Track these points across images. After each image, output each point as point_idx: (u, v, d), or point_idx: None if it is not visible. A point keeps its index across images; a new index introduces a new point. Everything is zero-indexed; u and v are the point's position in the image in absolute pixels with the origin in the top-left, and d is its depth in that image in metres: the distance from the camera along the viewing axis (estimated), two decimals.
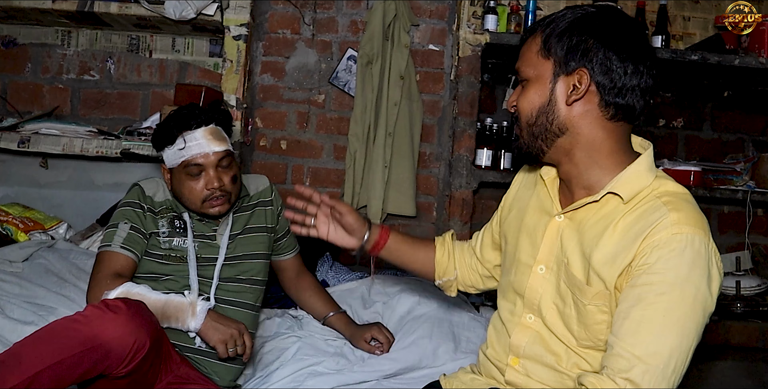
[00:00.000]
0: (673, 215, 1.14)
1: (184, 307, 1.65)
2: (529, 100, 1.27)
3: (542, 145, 1.27)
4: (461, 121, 2.53)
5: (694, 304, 1.11)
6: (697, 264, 1.11)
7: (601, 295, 1.19)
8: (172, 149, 1.79)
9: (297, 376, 1.80)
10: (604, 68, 1.20)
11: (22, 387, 1.29)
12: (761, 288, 2.67)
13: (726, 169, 2.72)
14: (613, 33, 1.22)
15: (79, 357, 1.34)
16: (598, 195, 1.23)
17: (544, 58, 1.25)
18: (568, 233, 1.28)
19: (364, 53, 2.66)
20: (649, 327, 1.10)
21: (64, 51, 2.75)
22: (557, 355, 1.28)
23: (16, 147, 2.35)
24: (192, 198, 1.79)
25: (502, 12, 2.56)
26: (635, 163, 1.24)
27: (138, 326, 1.41)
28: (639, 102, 1.23)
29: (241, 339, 1.64)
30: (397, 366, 1.85)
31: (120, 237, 1.76)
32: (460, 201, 2.50)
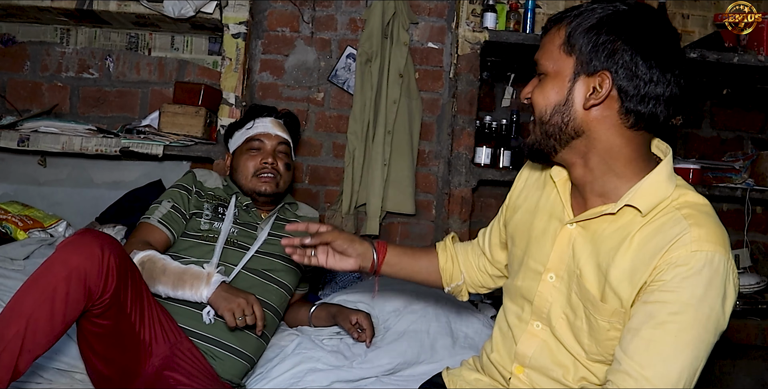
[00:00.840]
0: (695, 231, 1.08)
1: (200, 275, 1.70)
2: (545, 96, 1.19)
3: (555, 145, 1.20)
4: (460, 119, 2.53)
5: (707, 325, 1.06)
6: (714, 283, 1.06)
7: (617, 313, 1.14)
8: (241, 131, 2.06)
9: (296, 373, 1.81)
10: (629, 73, 1.12)
11: (23, 328, 1.34)
12: (760, 286, 2.67)
13: (725, 167, 2.73)
14: (643, 35, 1.13)
15: (63, 288, 1.38)
16: (615, 207, 1.16)
17: (567, 54, 1.16)
18: (581, 243, 1.22)
19: (363, 51, 2.66)
20: (659, 348, 1.06)
21: (63, 49, 2.75)
22: (564, 367, 1.24)
23: (16, 145, 2.36)
24: (245, 172, 1.99)
25: (501, 10, 2.56)
26: (654, 172, 1.16)
27: (101, 245, 1.44)
28: (663, 112, 1.15)
29: (250, 308, 1.66)
30: (396, 361, 1.85)
31: (160, 212, 1.90)
32: (460, 199, 2.50)
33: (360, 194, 2.69)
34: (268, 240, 1.94)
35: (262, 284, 1.87)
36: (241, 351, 1.76)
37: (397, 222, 2.79)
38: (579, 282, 1.20)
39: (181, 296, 1.70)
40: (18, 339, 1.34)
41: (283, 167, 2.02)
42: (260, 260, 1.90)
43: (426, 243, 2.77)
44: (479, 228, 2.55)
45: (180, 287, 1.69)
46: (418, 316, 1.98)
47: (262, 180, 1.97)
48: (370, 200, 2.65)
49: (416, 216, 2.78)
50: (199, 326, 1.72)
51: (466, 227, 2.50)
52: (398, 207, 2.71)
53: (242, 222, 1.96)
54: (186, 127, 2.39)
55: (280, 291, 1.91)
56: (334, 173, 2.79)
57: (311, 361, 1.83)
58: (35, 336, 1.36)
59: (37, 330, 1.36)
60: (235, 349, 1.74)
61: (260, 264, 1.89)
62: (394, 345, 1.89)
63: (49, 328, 1.38)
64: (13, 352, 1.34)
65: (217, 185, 2.04)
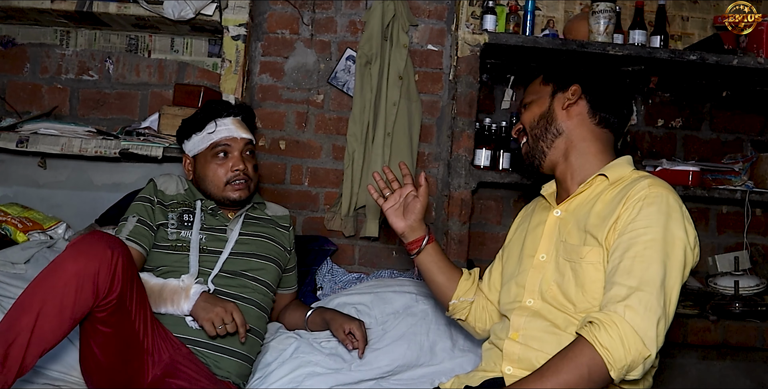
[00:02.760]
0: (649, 180, 1.38)
1: (178, 290, 1.70)
2: (531, 113, 1.58)
3: (543, 146, 1.54)
4: (460, 121, 2.53)
5: (675, 242, 1.29)
6: (673, 216, 1.32)
7: (595, 252, 1.36)
8: (200, 135, 1.95)
9: (295, 377, 1.81)
10: (593, 86, 1.54)
11: (32, 322, 1.37)
12: (760, 288, 2.67)
13: (724, 169, 2.73)
14: (597, 76, 1.58)
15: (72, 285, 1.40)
16: (589, 179, 1.47)
17: (545, 85, 1.59)
18: (564, 222, 1.49)
19: (363, 53, 2.66)
20: (639, 262, 1.27)
21: (62, 51, 2.75)
22: (556, 324, 1.39)
23: (15, 146, 2.35)
24: (216, 181, 1.92)
25: (500, 12, 2.57)
26: (619, 158, 1.51)
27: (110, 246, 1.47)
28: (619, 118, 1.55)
29: (229, 316, 1.66)
30: (395, 363, 1.85)
31: (127, 229, 1.86)
32: (459, 202, 2.50)
33: (359, 196, 2.69)
34: (240, 240, 1.93)
35: (242, 285, 1.86)
36: (236, 351, 1.75)
37: None
38: (565, 247, 1.44)
39: (164, 312, 1.71)
40: (27, 333, 1.37)
41: (252, 170, 1.97)
42: (236, 261, 1.88)
43: None
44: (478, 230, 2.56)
45: (162, 304, 1.70)
46: (417, 319, 1.98)
47: (235, 187, 1.92)
48: (370, 202, 2.65)
49: None
50: (187, 331, 1.72)
51: (466, 229, 2.50)
52: None
53: (209, 227, 1.92)
54: None
55: (261, 288, 1.90)
56: (333, 175, 2.79)
57: (310, 365, 1.83)
58: (43, 330, 1.38)
59: (45, 325, 1.38)
60: (228, 349, 1.74)
61: (236, 265, 1.88)
62: (393, 347, 1.89)
63: (58, 324, 1.40)
64: (21, 345, 1.36)
65: (178, 191, 1.97)
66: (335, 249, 2.67)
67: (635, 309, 1.20)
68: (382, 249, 2.77)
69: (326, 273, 2.53)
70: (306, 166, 2.80)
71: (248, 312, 1.81)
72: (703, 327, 2.59)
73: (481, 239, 2.79)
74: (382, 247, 2.77)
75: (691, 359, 2.63)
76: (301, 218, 2.77)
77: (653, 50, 2.49)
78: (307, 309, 2.05)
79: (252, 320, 1.81)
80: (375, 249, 2.77)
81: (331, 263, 2.60)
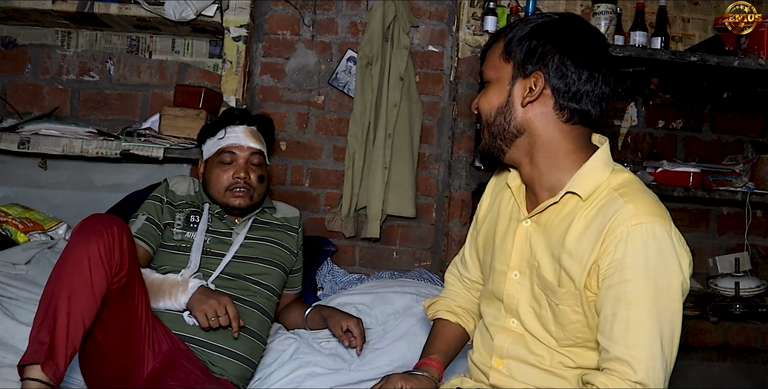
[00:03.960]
0: (630, 206, 1.17)
1: (177, 284, 1.72)
2: (488, 100, 1.32)
3: (502, 145, 1.32)
4: (461, 122, 2.53)
5: (670, 290, 1.15)
6: (664, 251, 1.15)
7: (571, 295, 1.22)
8: (213, 140, 2.00)
9: (295, 377, 1.81)
10: (560, 73, 1.24)
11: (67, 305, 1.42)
12: (760, 290, 2.67)
13: (725, 171, 2.73)
14: (571, 40, 1.26)
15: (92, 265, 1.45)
16: (557, 196, 1.26)
17: (505, 62, 1.30)
18: (536, 237, 1.31)
19: (364, 54, 2.67)
20: (638, 327, 1.13)
21: (63, 52, 2.75)
22: (540, 356, 1.30)
23: (17, 148, 2.36)
24: (217, 186, 1.94)
25: (501, 13, 2.57)
26: (590, 159, 1.26)
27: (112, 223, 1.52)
28: (594, 108, 1.26)
29: (223, 309, 1.66)
30: (395, 363, 1.85)
31: (136, 226, 1.88)
32: (460, 203, 2.50)
33: (360, 197, 2.69)
34: (245, 243, 1.94)
35: (244, 288, 1.86)
36: (235, 353, 1.75)
37: (398, 226, 2.79)
38: (538, 274, 1.29)
39: (162, 306, 1.72)
40: (65, 316, 1.41)
41: (256, 180, 1.97)
42: (239, 265, 1.89)
43: (425, 246, 2.77)
44: None
45: (161, 298, 1.72)
46: (418, 319, 1.98)
47: (235, 194, 1.93)
48: (371, 203, 2.65)
49: (416, 220, 2.78)
50: (184, 328, 1.73)
51: (466, 230, 2.49)
52: (398, 211, 2.71)
53: (215, 230, 1.94)
54: (186, 130, 2.39)
55: (265, 292, 1.91)
56: (334, 176, 2.79)
57: (310, 365, 1.83)
58: (80, 311, 1.43)
59: (80, 306, 1.43)
60: (225, 349, 1.74)
61: (239, 268, 1.89)
62: (393, 347, 1.89)
63: (91, 303, 1.45)
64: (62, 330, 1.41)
65: (188, 192, 2.01)
66: (335, 250, 2.68)
67: (647, 383, 1.12)
68: (383, 250, 2.77)
69: (326, 273, 2.53)
70: (307, 167, 2.80)
71: (250, 315, 1.81)
72: (703, 329, 2.59)
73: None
74: (382, 248, 2.77)
75: (691, 360, 2.63)
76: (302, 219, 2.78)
77: (654, 51, 2.49)
78: (306, 308, 2.05)
79: (253, 323, 1.81)
80: (375, 250, 2.77)
81: (331, 264, 2.60)
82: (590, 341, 1.25)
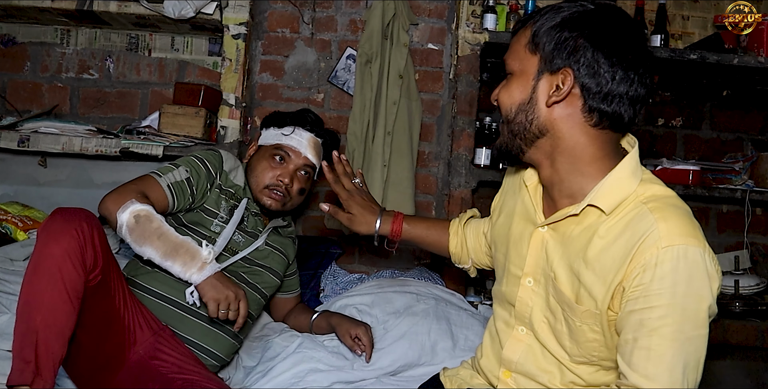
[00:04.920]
0: (662, 226, 1.06)
1: (197, 256, 1.60)
2: (509, 95, 1.20)
3: (521, 145, 1.21)
4: (460, 120, 2.53)
5: (697, 317, 1.06)
6: (695, 276, 1.05)
7: (591, 314, 1.14)
8: (277, 131, 1.95)
9: (297, 372, 1.81)
10: (591, 71, 1.11)
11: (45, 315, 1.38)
12: (760, 288, 2.67)
13: (725, 169, 2.73)
14: (606, 33, 1.12)
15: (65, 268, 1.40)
16: (578, 208, 1.16)
17: (531, 53, 1.17)
18: (552, 245, 1.21)
19: (363, 52, 2.66)
20: (659, 356, 1.05)
21: (63, 50, 2.75)
22: (550, 373, 1.24)
23: (16, 146, 2.36)
24: (259, 179, 1.89)
25: (501, 11, 2.56)
26: (617, 169, 1.15)
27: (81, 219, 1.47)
28: (627, 111, 1.15)
29: (236, 304, 1.61)
30: (397, 362, 1.86)
31: (174, 177, 1.76)
32: (459, 201, 2.50)
33: None
34: (261, 248, 1.92)
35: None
36: (208, 349, 1.75)
37: None
38: (554, 286, 1.20)
39: (167, 266, 1.60)
40: (45, 328, 1.37)
41: (296, 191, 1.93)
42: (242, 264, 1.87)
43: None
44: None
45: (171, 258, 1.59)
46: (419, 318, 1.98)
47: (271, 194, 1.89)
48: None
49: None
50: (169, 321, 1.70)
51: None
52: (398, 209, 2.68)
53: (244, 228, 1.90)
54: (186, 128, 2.39)
55: (258, 297, 1.91)
56: None
57: (312, 361, 1.83)
58: (59, 320, 1.39)
59: (59, 315, 1.39)
60: (202, 347, 1.73)
61: (239, 267, 1.87)
62: (394, 346, 1.90)
63: (69, 308, 1.40)
64: (45, 342, 1.36)
65: (240, 183, 1.92)
66: (341, 252, 2.66)
67: None
68: (382, 249, 2.77)
69: (329, 275, 2.53)
70: None
71: None
72: None
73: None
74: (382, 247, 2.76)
75: None
76: (301, 217, 2.77)
77: (654, 49, 2.49)
78: (311, 313, 2.04)
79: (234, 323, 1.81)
80: (375, 249, 2.77)
81: (335, 265, 2.60)
82: (606, 360, 1.18)
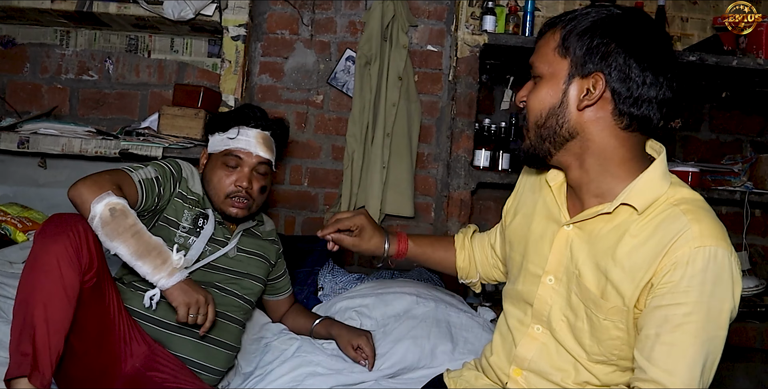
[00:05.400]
0: (695, 227, 1.09)
1: (168, 261, 1.58)
2: (540, 99, 1.21)
3: (550, 148, 1.22)
4: (459, 122, 2.53)
5: (720, 320, 1.08)
6: (722, 278, 1.07)
7: (617, 311, 1.15)
8: (222, 136, 1.86)
9: (296, 376, 1.81)
10: (622, 75, 1.14)
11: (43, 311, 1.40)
12: (759, 289, 2.67)
13: (724, 170, 2.73)
14: (637, 39, 1.15)
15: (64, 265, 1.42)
16: (611, 207, 1.17)
17: (561, 57, 1.18)
18: (578, 243, 1.23)
19: (363, 54, 2.67)
20: (681, 352, 1.07)
21: (62, 51, 2.76)
22: (564, 371, 1.24)
23: (16, 148, 2.36)
24: (218, 190, 1.81)
25: (500, 13, 2.57)
26: (649, 170, 1.17)
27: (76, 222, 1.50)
28: (655, 114, 1.18)
29: (205, 308, 1.60)
30: (397, 366, 1.85)
31: (144, 175, 1.72)
32: (458, 202, 2.50)
33: (359, 196, 2.69)
34: (231, 254, 1.86)
35: (226, 302, 1.80)
36: (202, 364, 1.72)
37: (396, 225, 2.79)
38: (579, 282, 1.21)
39: (135, 266, 1.57)
40: (43, 324, 1.39)
41: (257, 191, 1.85)
42: (208, 274, 1.80)
43: None
44: None
45: (141, 258, 1.56)
46: (418, 321, 1.98)
47: (234, 203, 1.81)
48: (369, 202, 2.65)
49: (415, 219, 2.78)
50: (162, 342, 1.68)
51: None
52: (397, 210, 2.71)
53: (214, 238, 1.84)
54: (185, 129, 2.39)
55: (243, 305, 1.85)
56: (333, 175, 2.80)
57: (311, 365, 1.83)
58: (57, 316, 1.41)
59: (57, 312, 1.41)
60: (195, 362, 1.71)
61: (209, 277, 1.80)
62: (394, 349, 1.90)
63: (66, 305, 1.42)
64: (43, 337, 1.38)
65: (199, 191, 1.85)
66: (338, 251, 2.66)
67: None
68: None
69: (327, 273, 2.53)
70: (305, 167, 2.80)
71: (225, 327, 1.77)
72: None
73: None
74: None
75: None
76: (301, 218, 2.78)
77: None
78: (312, 319, 2.02)
79: (231, 335, 1.79)
80: None
81: (332, 263, 2.60)
82: (625, 359, 1.19)
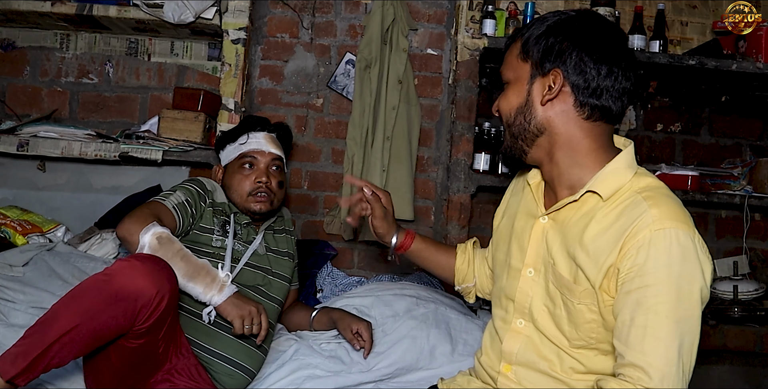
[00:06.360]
0: (654, 211, 1.14)
1: (216, 279, 1.68)
2: (508, 101, 1.32)
3: (523, 145, 1.32)
4: (459, 126, 2.53)
5: (691, 298, 1.13)
6: (687, 258, 1.12)
7: (588, 293, 1.21)
8: (233, 145, 2.04)
9: (295, 379, 1.81)
10: (578, 69, 1.23)
11: (60, 341, 1.35)
12: (759, 293, 2.67)
13: (723, 174, 2.73)
14: (588, 35, 1.25)
15: (111, 309, 1.39)
16: (577, 195, 1.25)
17: (523, 61, 1.29)
18: (552, 234, 1.30)
19: (363, 57, 2.67)
20: (655, 333, 1.11)
21: (62, 54, 2.76)
22: (550, 361, 1.28)
23: (16, 150, 2.35)
24: (240, 190, 1.96)
25: (500, 16, 2.57)
26: (614, 160, 1.25)
27: (160, 277, 1.45)
28: (615, 103, 1.26)
29: (258, 318, 1.69)
30: (395, 366, 1.86)
31: (176, 199, 1.84)
32: (458, 206, 2.50)
33: None
34: (259, 253, 1.97)
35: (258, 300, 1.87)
36: (242, 365, 1.76)
37: None
38: (554, 271, 1.27)
39: (188, 287, 1.66)
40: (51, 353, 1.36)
41: (276, 185, 2.01)
42: (250, 274, 1.91)
43: None
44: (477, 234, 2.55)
45: (192, 279, 1.65)
46: (418, 322, 1.98)
47: (257, 199, 1.96)
48: None
49: (415, 223, 2.78)
50: (201, 337, 1.73)
51: (465, 233, 2.50)
52: (397, 213, 2.67)
53: (242, 239, 1.96)
54: (185, 133, 2.39)
55: (272, 305, 1.93)
56: (333, 179, 2.80)
57: (309, 367, 1.83)
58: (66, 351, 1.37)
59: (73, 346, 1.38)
60: (236, 362, 1.75)
61: (251, 279, 1.90)
62: (393, 350, 1.90)
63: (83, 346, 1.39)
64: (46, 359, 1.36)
65: (224, 200, 2.00)
66: (335, 253, 2.68)
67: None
68: (382, 253, 2.77)
69: (326, 276, 2.53)
70: (305, 170, 2.80)
71: None
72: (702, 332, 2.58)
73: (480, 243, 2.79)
74: (381, 251, 2.77)
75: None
76: (301, 222, 2.78)
77: (652, 55, 2.49)
78: (311, 310, 2.07)
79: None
80: (374, 253, 2.77)
81: (330, 266, 2.60)
82: (603, 342, 1.23)
